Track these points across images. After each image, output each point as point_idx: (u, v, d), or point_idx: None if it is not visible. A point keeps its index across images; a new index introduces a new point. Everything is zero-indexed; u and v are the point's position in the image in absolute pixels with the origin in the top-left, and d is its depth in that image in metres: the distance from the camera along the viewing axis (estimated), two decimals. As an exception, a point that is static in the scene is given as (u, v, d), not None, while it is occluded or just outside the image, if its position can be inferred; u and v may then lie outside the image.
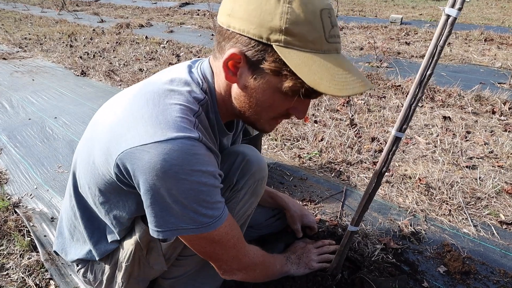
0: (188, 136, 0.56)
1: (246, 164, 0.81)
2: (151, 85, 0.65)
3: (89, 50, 4.42)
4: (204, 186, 0.59)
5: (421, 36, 4.69)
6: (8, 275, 1.15)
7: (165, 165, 0.54)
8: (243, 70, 0.59)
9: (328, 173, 1.65)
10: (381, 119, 2.18)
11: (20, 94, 2.91)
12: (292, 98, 0.60)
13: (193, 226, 0.60)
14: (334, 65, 0.54)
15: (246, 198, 0.82)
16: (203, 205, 0.60)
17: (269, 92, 0.60)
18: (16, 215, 1.43)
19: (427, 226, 1.28)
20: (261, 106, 0.62)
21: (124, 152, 0.57)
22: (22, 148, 1.99)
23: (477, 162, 1.68)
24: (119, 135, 0.59)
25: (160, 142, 0.54)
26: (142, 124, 0.57)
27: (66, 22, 7.05)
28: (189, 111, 0.61)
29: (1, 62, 4.04)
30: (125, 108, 0.62)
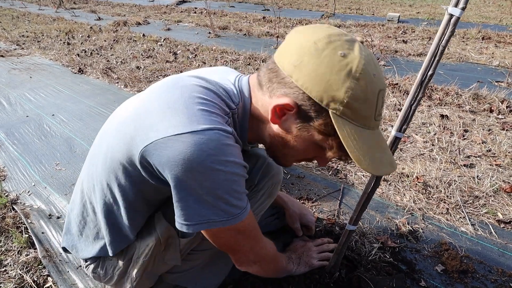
0: (223, 128, 0.57)
1: (267, 167, 0.86)
2: (185, 80, 0.65)
3: (87, 47, 4.39)
4: (237, 176, 0.59)
5: (418, 35, 4.69)
6: (6, 271, 1.15)
7: (201, 155, 0.54)
8: (290, 117, 0.61)
9: (326, 171, 1.65)
10: (379, 117, 2.18)
11: (18, 91, 2.89)
12: (325, 153, 0.64)
13: (224, 218, 0.60)
14: (375, 144, 0.60)
15: (263, 198, 0.87)
16: (234, 196, 0.60)
17: (308, 144, 0.63)
18: (14, 212, 1.42)
19: (425, 224, 1.28)
20: (293, 150, 0.66)
21: (154, 142, 0.56)
22: (19, 145, 1.98)
23: (475, 161, 1.69)
24: (148, 125, 0.58)
25: (195, 132, 0.54)
26: (175, 115, 0.56)
27: (64, 20, 7.01)
28: (222, 111, 0.62)
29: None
30: (154, 99, 0.62)
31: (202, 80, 0.65)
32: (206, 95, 0.61)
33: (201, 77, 0.66)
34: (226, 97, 0.65)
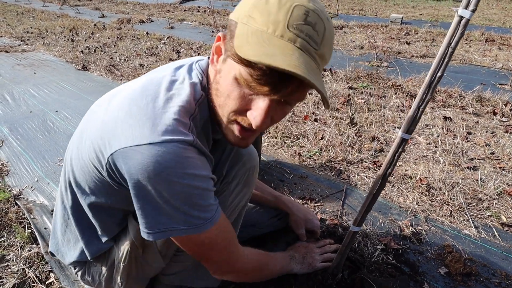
0: (183, 139, 0.56)
1: (236, 154, 0.80)
2: (152, 83, 0.63)
3: (90, 44, 4.40)
4: (196, 189, 0.58)
5: (421, 36, 4.68)
6: (9, 266, 1.15)
7: (158, 167, 0.54)
8: (221, 54, 0.60)
9: (328, 172, 1.65)
10: (381, 118, 2.18)
11: (22, 87, 2.90)
12: (248, 90, 0.56)
13: (184, 227, 0.60)
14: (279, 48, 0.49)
15: (238, 189, 0.82)
16: (195, 208, 0.59)
17: (230, 79, 0.56)
18: (17, 207, 1.42)
19: (428, 226, 1.28)
20: (223, 95, 0.59)
21: (117, 151, 0.56)
22: (23, 140, 1.98)
23: (478, 163, 1.68)
24: (113, 133, 0.58)
25: (154, 144, 0.54)
26: (137, 125, 0.56)
27: (68, 17, 7.02)
28: (185, 113, 0.60)
29: (3, 55, 4.02)
30: (122, 105, 0.60)
31: (169, 81, 0.63)
32: (170, 100, 0.60)
33: (169, 79, 0.64)
34: (191, 92, 0.63)
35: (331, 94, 2.56)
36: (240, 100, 0.57)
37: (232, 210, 0.83)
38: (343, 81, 2.87)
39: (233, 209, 0.83)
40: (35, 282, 1.08)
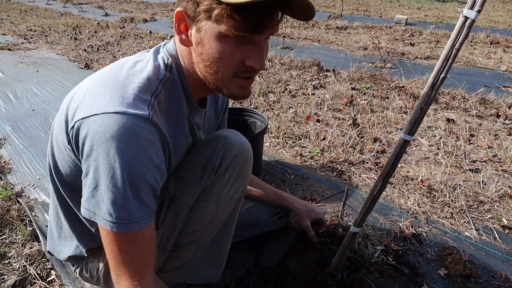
0: (137, 114, 0.55)
1: (228, 146, 0.79)
2: (118, 64, 0.65)
3: (93, 43, 4.41)
4: (133, 171, 0.55)
5: (426, 38, 4.67)
6: (10, 263, 1.15)
7: (103, 136, 0.54)
8: (190, 28, 0.60)
9: (330, 172, 1.64)
10: (384, 120, 2.17)
11: (25, 85, 2.91)
12: (240, 42, 0.58)
13: (105, 217, 0.56)
14: None
15: (232, 181, 0.81)
16: (125, 195, 0.56)
17: (214, 41, 0.57)
18: (18, 204, 1.43)
19: (429, 228, 1.28)
20: (213, 61, 0.60)
21: (78, 121, 0.57)
22: (25, 138, 1.99)
23: (481, 166, 1.67)
24: (77, 107, 0.59)
25: (107, 114, 0.54)
26: (97, 97, 0.58)
27: (71, 15, 7.04)
28: (146, 90, 0.60)
29: (7, 53, 4.04)
30: (85, 84, 0.64)
31: (134, 62, 0.65)
32: (132, 77, 0.61)
33: (134, 60, 0.66)
34: (154, 72, 0.63)
35: (334, 95, 2.55)
36: (235, 55, 0.59)
37: (227, 203, 0.82)
38: (346, 82, 2.87)
39: (228, 202, 0.82)
40: (36, 279, 1.09)
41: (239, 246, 1.14)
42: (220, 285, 0.99)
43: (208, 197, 0.79)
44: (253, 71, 0.62)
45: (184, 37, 0.62)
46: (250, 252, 1.13)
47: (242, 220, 1.03)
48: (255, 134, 1.38)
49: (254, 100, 2.49)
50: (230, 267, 1.04)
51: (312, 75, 3.06)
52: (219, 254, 0.92)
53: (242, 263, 1.09)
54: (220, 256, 0.92)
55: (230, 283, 1.01)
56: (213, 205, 0.79)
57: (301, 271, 1.03)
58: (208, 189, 0.78)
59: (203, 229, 0.82)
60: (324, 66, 3.27)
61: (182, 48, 0.66)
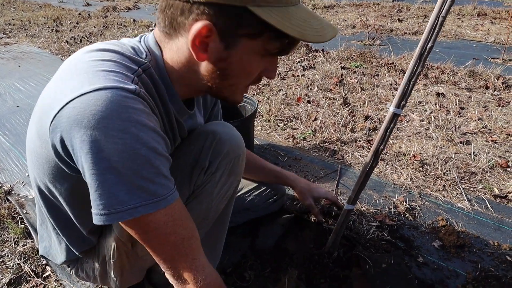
0: (121, 87, 0.48)
1: (218, 143, 0.74)
2: (82, 53, 0.56)
3: (76, 34, 4.27)
4: (143, 146, 0.48)
5: (413, 13, 4.62)
6: (4, 262, 1.14)
7: (92, 118, 0.45)
8: (213, 43, 0.53)
9: (323, 153, 1.64)
10: (375, 97, 2.16)
11: (7, 81, 2.82)
12: (267, 59, 0.58)
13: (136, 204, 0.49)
14: (307, 15, 0.54)
15: (224, 179, 0.77)
16: (142, 174, 0.49)
17: (246, 58, 0.56)
18: (8, 202, 1.41)
19: (422, 202, 1.29)
20: (237, 75, 0.58)
21: (54, 119, 0.48)
22: (11, 136, 1.94)
23: (471, 138, 1.68)
24: (48, 105, 0.50)
25: (86, 94, 0.46)
26: (68, 84, 0.49)
27: (51, 6, 6.78)
28: (125, 68, 0.53)
29: (-16, 49, 3.89)
30: (56, 75, 0.55)
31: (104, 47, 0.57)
32: (105, 57, 0.53)
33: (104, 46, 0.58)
34: (132, 53, 0.57)
35: (324, 75, 2.53)
36: (258, 69, 0.59)
37: (219, 200, 0.80)
38: (336, 61, 2.83)
39: (221, 199, 0.79)
40: (31, 277, 1.08)
41: (235, 231, 1.14)
42: (218, 270, 0.99)
43: (199, 197, 0.75)
44: (260, 81, 0.64)
45: (203, 53, 0.54)
46: (246, 236, 1.13)
47: (237, 206, 1.02)
48: (244, 118, 1.36)
49: (244, 84, 2.45)
50: (227, 252, 1.04)
51: (301, 56, 3.02)
52: (214, 247, 0.91)
53: (238, 247, 1.09)
54: (215, 248, 0.91)
55: (227, 268, 1.02)
56: (205, 204, 0.76)
57: (297, 252, 1.03)
58: (199, 188, 0.75)
59: (196, 226, 0.79)
60: (313, 46, 3.23)
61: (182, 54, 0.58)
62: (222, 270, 1.01)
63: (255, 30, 0.52)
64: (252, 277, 0.98)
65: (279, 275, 0.97)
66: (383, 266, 0.94)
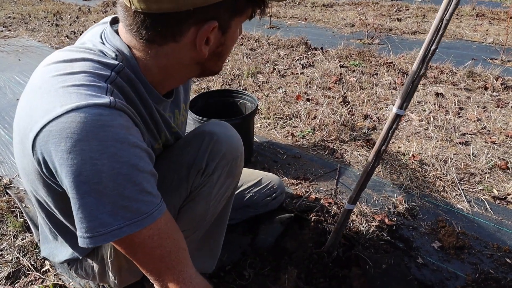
0: (94, 103, 0.46)
1: (215, 145, 0.72)
2: (48, 64, 0.54)
3: (76, 29, 4.23)
4: (123, 165, 0.47)
5: (412, 12, 4.63)
6: (2, 255, 1.14)
7: (68, 142, 0.45)
8: (213, 35, 0.56)
9: (322, 151, 1.64)
10: (374, 96, 2.16)
11: (7, 74, 2.80)
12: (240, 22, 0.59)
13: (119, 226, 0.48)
14: None
15: (222, 180, 0.75)
16: (124, 194, 0.48)
17: (236, 33, 0.60)
18: (7, 196, 1.40)
19: (421, 202, 1.29)
20: (229, 49, 0.62)
21: (35, 142, 0.47)
22: (10, 129, 1.93)
23: (470, 138, 1.69)
24: (26, 127, 0.49)
25: (59, 117, 0.45)
26: (41, 104, 0.48)
27: (51, 1, 6.72)
28: (97, 76, 0.51)
29: (-17, 42, 3.86)
30: (26, 93, 0.53)
31: (69, 53, 0.55)
32: (74, 68, 0.51)
33: (71, 51, 0.56)
34: (100, 61, 0.54)
35: (323, 73, 2.52)
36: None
37: (217, 202, 0.79)
38: (335, 60, 2.83)
39: (218, 200, 0.79)
40: (30, 270, 1.08)
41: (234, 229, 1.14)
42: (217, 267, 0.99)
43: (196, 198, 0.74)
44: None
45: (206, 47, 0.57)
46: (246, 234, 1.14)
47: (236, 203, 1.02)
48: (245, 116, 1.35)
49: (243, 81, 2.45)
50: (226, 249, 1.04)
51: (300, 54, 3.01)
52: (213, 246, 0.91)
53: (238, 245, 1.09)
54: (214, 247, 0.91)
55: (227, 265, 1.02)
56: (202, 206, 0.75)
57: (296, 250, 1.04)
58: (196, 190, 0.73)
59: (194, 227, 0.78)
60: (312, 44, 3.22)
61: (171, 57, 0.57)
62: (221, 268, 1.02)
63: (245, 6, 0.56)
64: (252, 276, 0.99)
65: (278, 274, 0.97)
66: (382, 266, 0.95)
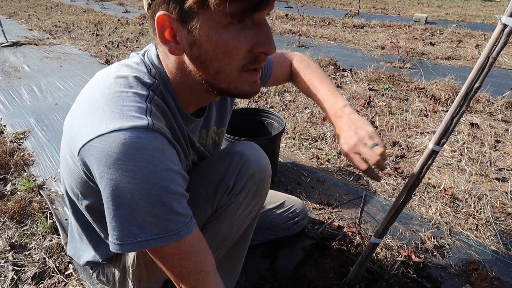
0: (135, 125, 0.50)
1: (244, 164, 0.74)
2: (99, 80, 0.60)
3: (114, 39, 4.49)
4: (154, 186, 0.51)
5: (447, 37, 4.51)
6: (30, 255, 1.19)
7: (107, 162, 0.49)
8: (178, 32, 0.53)
9: (347, 176, 1.61)
10: (403, 122, 2.11)
11: (49, 79, 2.99)
12: (241, 28, 0.52)
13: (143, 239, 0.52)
14: None
15: (247, 201, 0.76)
16: (151, 212, 0.51)
17: (214, 34, 0.51)
18: (40, 196, 1.47)
19: (452, 240, 1.22)
20: (217, 57, 0.53)
21: (80, 151, 0.53)
22: (48, 132, 2.05)
23: (508, 174, 1.59)
24: (74, 134, 0.55)
25: (103, 135, 0.50)
26: (89, 119, 0.53)
27: (93, 12, 7.20)
28: (138, 96, 0.55)
29: (33, 47, 4.17)
30: (76, 105, 0.59)
31: (115, 72, 0.59)
32: (118, 87, 0.55)
33: (115, 69, 0.60)
34: (138, 78, 0.58)
35: (351, 96, 2.50)
36: (240, 44, 0.53)
37: (241, 222, 0.80)
38: (364, 82, 2.80)
39: (243, 220, 0.80)
40: (54, 272, 1.11)
41: (254, 251, 1.13)
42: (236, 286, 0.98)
43: (221, 217, 0.75)
44: (263, 59, 0.56)
45: (173, 45, 0.54)
46: (265, 257, 1.12)
47: (257, 224, 1.01)
48: (272, 136, 1.36)
49: (270, 99, 2.47)
50: (245, 271, 1.03)
51: (329, 74, 3.01)
52: (233, 267, 0.90)
53: (257, 268, 1.08)
54: (234, 268, 0.91)
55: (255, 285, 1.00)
56: (226, 225, 0.76)
57: (316, 280, 1.00)
58: (222, 208, 0.75)
59: (216, 246, 0.79)
60: (341, 65, 3.21)
61: (171, 59, 0.59)
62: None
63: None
64: (269, 301, 0.97)
65: (296, 302, 0.94)
66: (407, 306, 0.90)
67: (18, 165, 1.69)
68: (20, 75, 3.10)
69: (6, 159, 1.71)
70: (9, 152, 1.78)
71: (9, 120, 2.21)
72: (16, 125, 2.14)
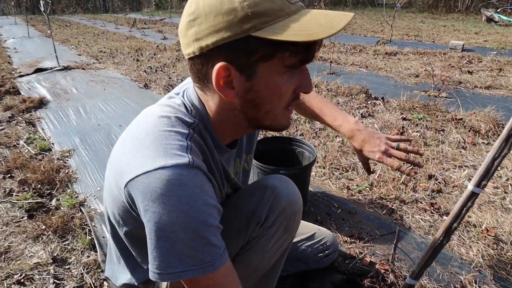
0: (177, 163, 0.55)
1: (276, 198, 0.77)
2: (144, 119, 0.65)
3: (152, 64, 4.80)
4: (193, 220, 0.55)
5: (486, 65, 4.33)
6: (70, 269, 1.25)
7: (151, 196, 0.54)
8: (236, 79, 0.57)
9: (379, 210, 1.56)
10: (440, 155, 2.03)
11: (93, 101, 3.24)
12: (295, 75, 0.59)
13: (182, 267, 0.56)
14: (312, 15, 0.55)
15: (279, 234, 0.79)
16: (190, 244, 0.55)
17: (271, 81, 0.58)
18: (81, 213, 1.56)
19: (496, 286, 1.14)
20: (269, 101, 0.60)
21: (127, 185, 0.58)
22: (90, 151, 2.20)
23: (558, 217, 1.47)
24: (121, 168, 0.60)
25: (148, 173, 0.54)
26: (136, 155, 0.58)
27: (135, 38, 7.79)
28: (180, 135, 0.60)
29: (81, 71, 4.56)
30: (123, 140, 0.65)
31: (159, 110, 0.65)
32: (162, 126, 0.60)
33: (160, 108, 0.66)
34: (180, 118, 0.63)
35: (383, 125, 2.46)
36: (289, 87, 0.60)
37: (272, 254, 0.81)
38: (396, 111, 2.75)
39: (274, 253, 0.82)
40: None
41: (284, 281, 1.12)
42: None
43: (253, 249, 0.78)
44: (299, 98, 0.64)
45: (228, 90, 0.59)
46: (294, 289, 1.10)
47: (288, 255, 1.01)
48: (304, 166, 1.37)
49: (300, 126, 2.49)
50: (274, 303, 1.02)
51: (360, 102, 2.99)
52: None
53: (285, 300, 1.06)
54: None
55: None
56: (258, 257, 0.79)
57: (348, 318, 0.97)
58: (254, 240, 0.78)
59: (246, 277, 0.80)
60: (373, 93, 3.18)
61: (215, 100, 0.64)
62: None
63: (266, 51, 0.54)
64: (297, 337, 0.94)
65: None
66: None
67: (63, 182, 1.82)
68: (68, 97, 3.39)
69: (53, 175, 1.85)
70: (56, 169, 1.92)
71: (57, 138, 2.40)
72: (63, 143, 2.32)
